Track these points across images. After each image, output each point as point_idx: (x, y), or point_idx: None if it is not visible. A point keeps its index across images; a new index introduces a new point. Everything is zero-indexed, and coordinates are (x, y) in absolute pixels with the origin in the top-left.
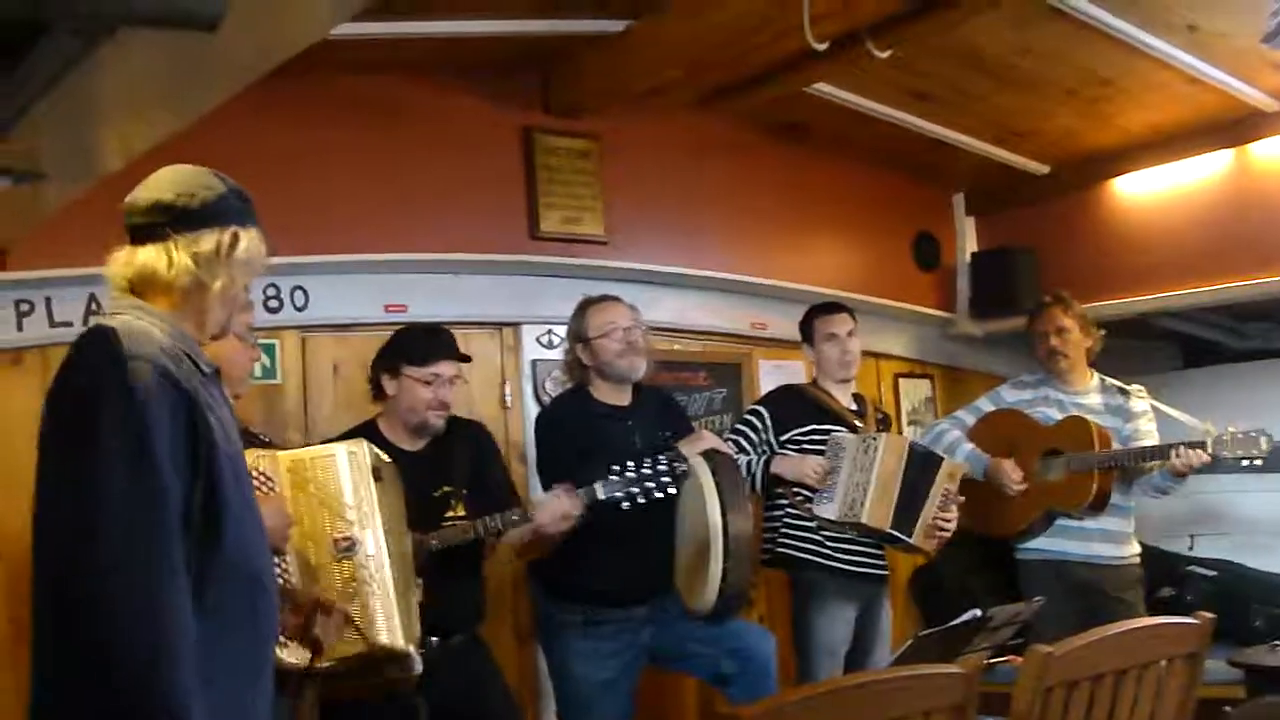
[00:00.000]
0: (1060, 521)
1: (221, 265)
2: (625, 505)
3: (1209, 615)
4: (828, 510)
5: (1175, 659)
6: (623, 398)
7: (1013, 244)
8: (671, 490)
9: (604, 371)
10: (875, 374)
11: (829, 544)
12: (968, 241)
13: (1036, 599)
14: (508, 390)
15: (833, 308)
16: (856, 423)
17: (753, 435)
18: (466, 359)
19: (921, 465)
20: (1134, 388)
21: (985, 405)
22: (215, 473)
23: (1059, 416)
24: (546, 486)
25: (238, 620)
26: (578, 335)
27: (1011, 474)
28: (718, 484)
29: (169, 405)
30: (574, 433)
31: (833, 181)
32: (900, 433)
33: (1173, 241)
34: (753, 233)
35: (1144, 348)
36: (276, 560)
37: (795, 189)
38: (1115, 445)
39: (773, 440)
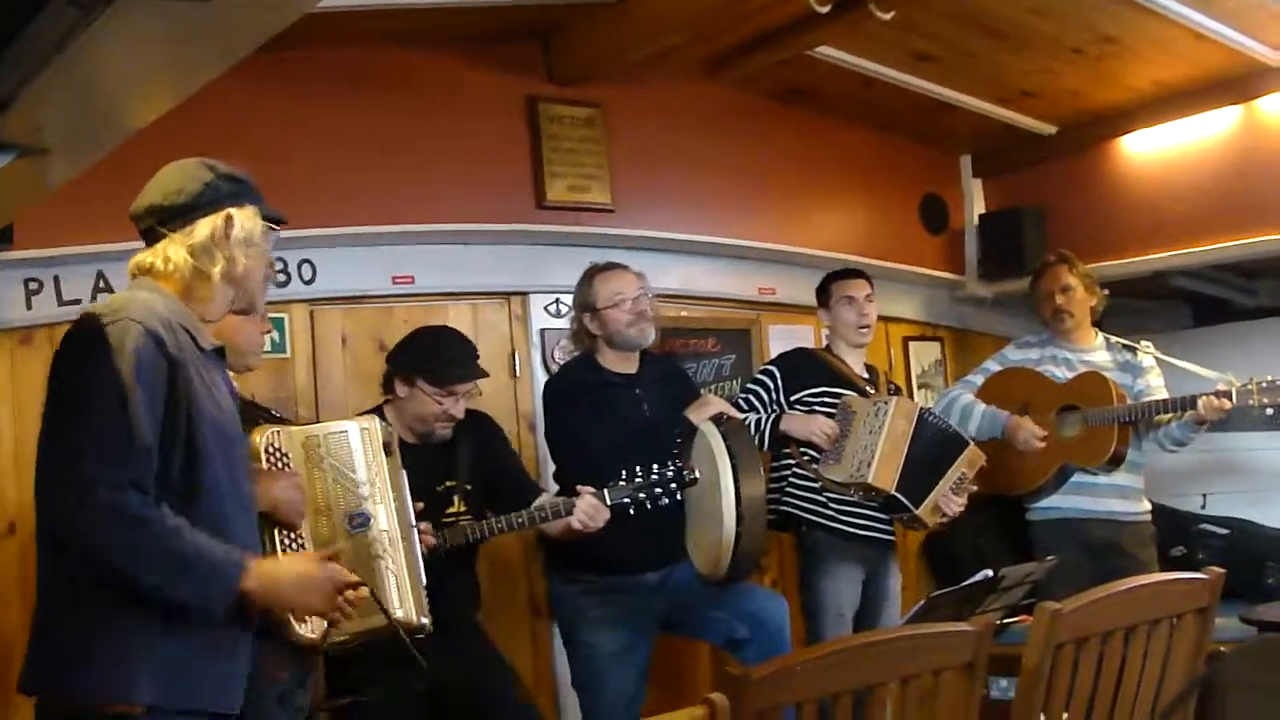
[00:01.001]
0: (1074, 479)
1: (219, 248)
2: (632, 511)
3: (1219, 570)
4: (834, 472)
5: (1185, 614)
6: (630, 365)
7: (1020, 205)
8: (679, 497)
9: (613, 340)
10: (885, 337)
11: (833, 505)
12: (975, 203)
13: (1049, 558)
14: (516, 359)
15: (851, 273)
16: (867, 389)
17: (764, 394)
18: (484, 375)
19: (942, 441)
20: (1141, 343)
21: (993, 366)
22: (196, 441)
23: (1067, 375)
24: (554, 454)
25: None
26: (585, 304)
27: (1033, 430)
28: (729, 448)
29: (153, 369)
30: (581, 401)
31: (839, 145)
32: (911, 398)
33: (1181, 199)
34: (759, 198)
35: (1153, 307)
36: (291, 535)
37: (801, 154)
38: (1129, 401)
39: (783, 400)
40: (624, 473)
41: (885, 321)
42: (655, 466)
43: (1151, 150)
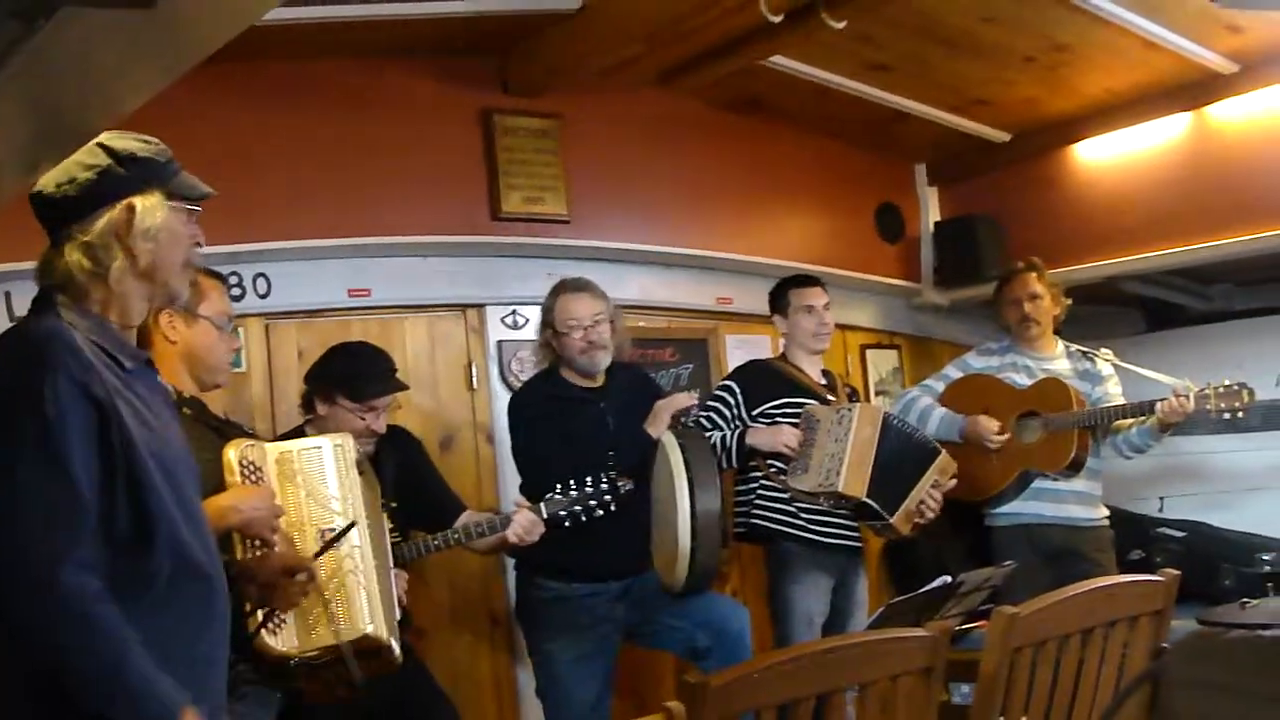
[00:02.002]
0: (1034, 485)
1: (118, 243)
2: (568, 524)
3: (1174, 572)
4: (802, 481)
5: (1141, 617)
6: (595, 379)
7: (975, 212)
8: (613, 508)
9: (567, 362)
10: (842, 346)
11: (803, 515)
12: (930, 211)
13: (1007, 563)
14: (474, 372)
15: (808, 280)
16: (828, 396)
17: (725, 410)
18: (404, 388)
19: (910, 445)
20: (1101, 351)
21: (953, 372)
22: (137, 474)
23: (1028, 382)
24: (522, 471)
25: (179, 615)
26: (547, 321)
27: (991, 425)
28: (686, 461)
29: (80, 416)
30: (546, 416)
31: (794, 155)
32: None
33: (1133, 205)
34: (716, 208)
35: (1108, 313)
36: (264, 548)
37: (757, 164)
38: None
39: (745, 415)
40: (559, 486)
41: (843, 330)
42: (589, 479)
43: (1104, 157)
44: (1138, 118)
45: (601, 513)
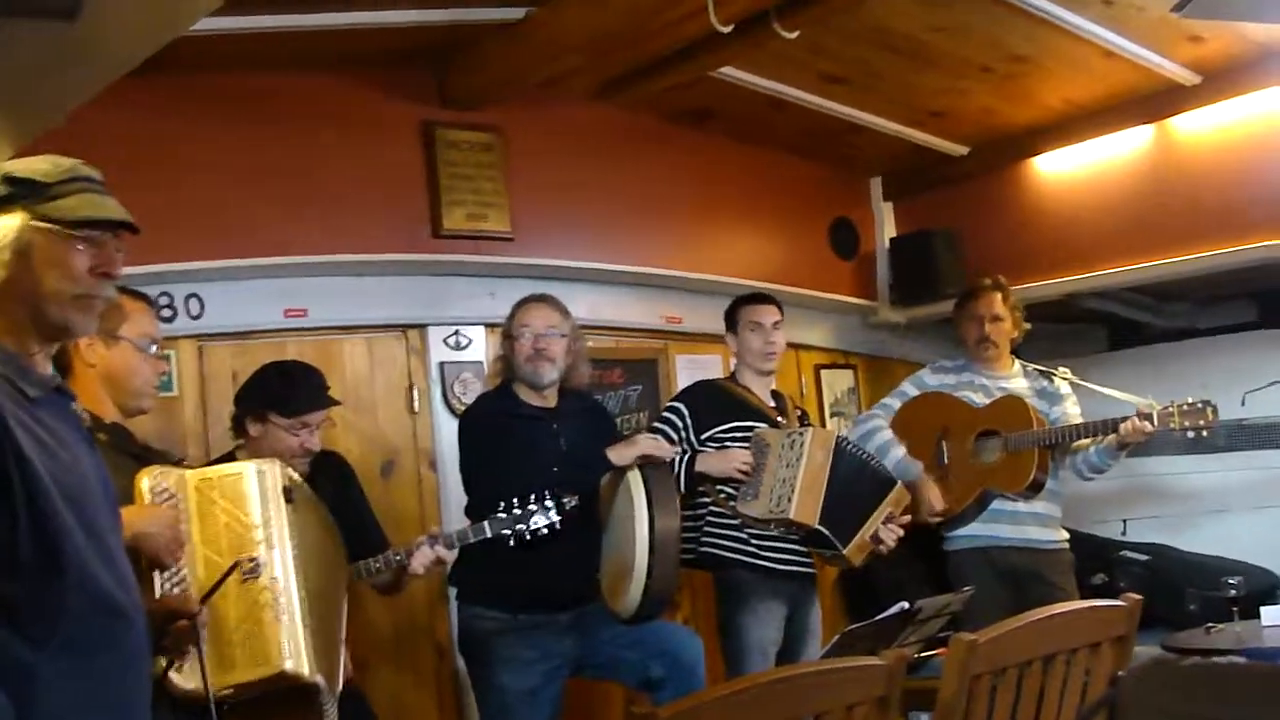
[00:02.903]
0: (992, 507)
1: None
2: (511, 543)
3: (1136, 596)
4: (752, 507)
5: (1103, 643)
6: (548, 399)
7: (932, 227)
8: (559, 526)
9: (517, 373)
10: (796, 365)
11: (754, 542)
12: (886, 227)
13: (966, 589)
14: (415, 394)
15: (759, 298)
16: (778, 419)
17: (673, 434)
18: (336, 403)
19: (863, 472)
20: (1059, 370)
21: (910, 389)
22: (38, 501)
23: (984, 402)
24: (469, 488)
25: (93, 654)
26: (505, 330)
27: (935, 503)
28: (645, 479)
29: None
30: (497, 432)
31: (745, 169)
32: (824, 426)
33: (1094, 220)
34: (664, 224)
35: (1069, 330)
36: (171, 575)
37: (706, 178)
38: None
39: (693, 439)
40: (503, 504)
41: (796, 349)
42: (533, 496)
43: (1064, 170)
44: (1099, 129)
45: (546, 531)
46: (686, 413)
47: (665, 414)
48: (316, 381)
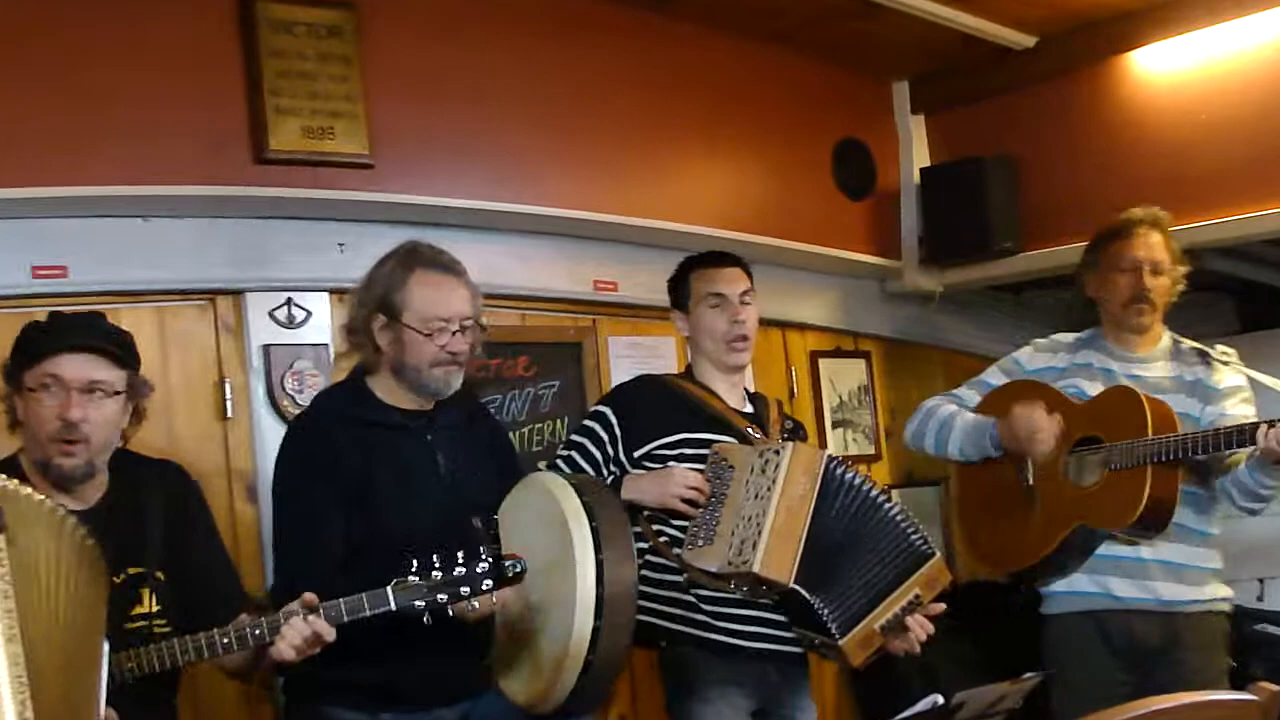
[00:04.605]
0: (1101, 552)
1: None
2: (426, 619)
3: (1273, 688)
4: (704, 557)
5: None
6: (421, 400)
7: (982, 154)
8: (494, 598)
9: (403, 371)
10: (783, 354)
11: (706, 608)
12: (916, 153)
13: (1029, 675)
14: (228, 390)
15: (717, 258)
16: (750, 431)
17: (594, 450)
18: (108, 352)
19: (887, 533)
20: (1219, 349)
21: (995, 378)
22: None
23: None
24: (289, 535)
25: None
26: (384, 301)
27: (1041, 428)
28: (586, 506)
29: None
30: (342, 451)
31: (716, 70)
32: (824, 446)
33: (1217, 143)
34: (595, 149)
35: (1184, 303)
36: None
37: (660, 83)
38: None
39: (623, 456)
40: (415, 563)
41: (784, 329)
42: (461, 555)
43: (1171, 70)
44: (1220, 15)
45: (477, 605)
46: (614, 420)
47: (586, 422)
48: (67, 320)
